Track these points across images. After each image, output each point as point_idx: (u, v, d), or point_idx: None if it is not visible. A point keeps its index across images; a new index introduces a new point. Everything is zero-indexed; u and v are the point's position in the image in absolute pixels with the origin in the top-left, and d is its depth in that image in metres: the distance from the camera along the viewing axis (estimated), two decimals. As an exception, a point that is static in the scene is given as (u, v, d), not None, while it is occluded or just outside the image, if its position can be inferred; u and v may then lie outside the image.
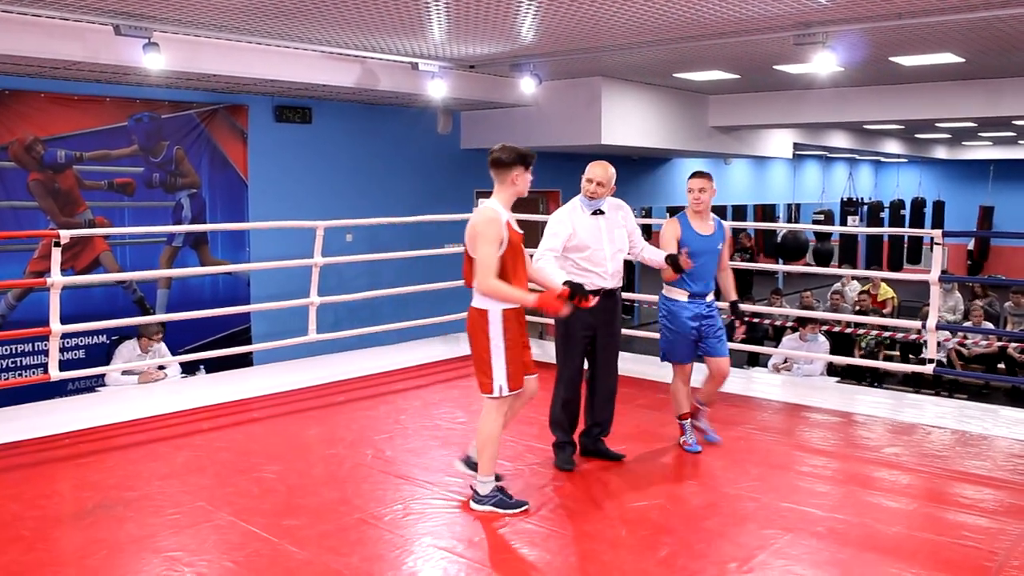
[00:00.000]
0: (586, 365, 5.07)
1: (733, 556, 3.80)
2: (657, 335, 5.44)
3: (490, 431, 4.25)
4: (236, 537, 3.97)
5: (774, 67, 9.47)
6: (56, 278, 5.84)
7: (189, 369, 8.06)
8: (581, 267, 4.83)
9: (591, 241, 4.83)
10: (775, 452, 5.27)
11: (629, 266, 15.28)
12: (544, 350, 7.77)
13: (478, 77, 9.85)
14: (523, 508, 4.28)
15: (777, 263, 18.42)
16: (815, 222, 19.30)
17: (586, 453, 5.10)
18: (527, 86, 9.02)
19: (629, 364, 7.53)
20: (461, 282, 8.25)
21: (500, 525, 4.10)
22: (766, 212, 21.69)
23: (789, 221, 22.05)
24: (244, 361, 8.36)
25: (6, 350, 7.86)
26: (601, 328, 4.94)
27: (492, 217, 4.17)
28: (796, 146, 16.22)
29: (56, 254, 5.86)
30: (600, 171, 4.88)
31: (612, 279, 4.91)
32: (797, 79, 10.39)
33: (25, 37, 6.56)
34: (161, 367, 7.72)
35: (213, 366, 8.00)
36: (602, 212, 4.91)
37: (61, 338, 6.03)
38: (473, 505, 4.31)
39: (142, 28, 6.74)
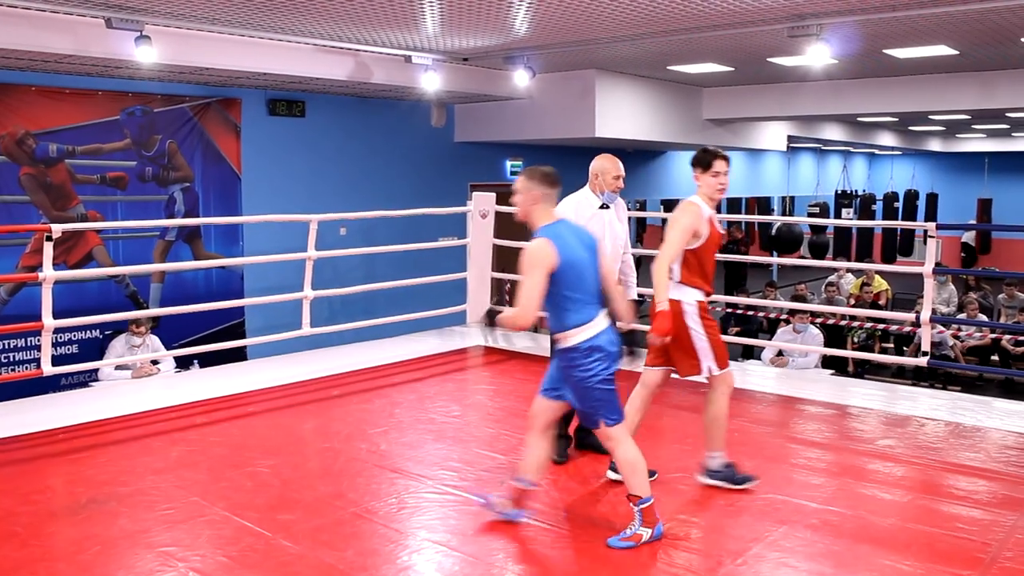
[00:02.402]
0: None
1: (728, 549, 3.81)
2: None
3: (718, 411, 4.44)
4: (230, 532, 3.96)
5: (768, 59, 9.47)
6: (48, 273, 5.82)
7: (183, 363, 8.05)
8: None
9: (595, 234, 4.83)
10: (769, 445, 5.28)
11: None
12: (538, 343, 7.80)
13: (472, 70, 9.83)
14: (751, 482, 4.46)
15: (771, 256, 18.47)
16: (810, 215, 19.33)
17: (581, 447, 5.10)
18: (521, 79, 9.00)
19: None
20: (455, 275, 8.22)
21: (495, 519, 4.09)
22: (760, 205, 21.71)
23: (784, 214, 22.08)
24: (238, 355, 8.35)
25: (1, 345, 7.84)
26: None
27: (688, 208, 4.33)
28: (790, 138, 16.24)
29: (48, 248, 5.84)
30: (613, 166, 4.88)
31: (616, 272, 4.94)
32: (791, 71, 10.39)
33: (15, 30, 6.52)
34: (155, 362, 7.70)
35: (207, 360, 7.99)
36: (607, 207, 4.93)
37: (54, 333, 6.01)
38: (700, 478, 4.51)
39: (134, 21, 6.71)
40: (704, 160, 4.39)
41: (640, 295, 5.39)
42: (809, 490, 4.50)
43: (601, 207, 4.91)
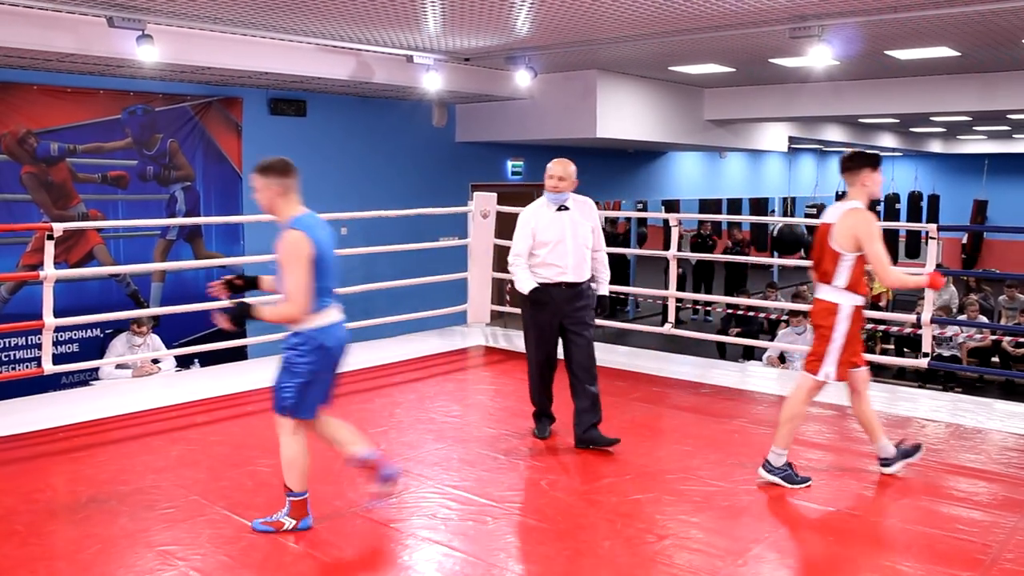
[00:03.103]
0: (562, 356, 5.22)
1: (728, 549, 3.81)
2: (650, 328, 5.41)
3: (796, 409, 4.54)
4: (230, 531, 3.96)
5: (769, 60, 9.47)
6: (49, 271, 5.82)
7: (183, 363, 8.04)
8: (545, 261, 5.05)
9: (553, 236, 5.04)
10: (770, 446, 5.27)
11: (623, 260, 15.28)
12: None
13: (473, 70, 9.83)
14: (806, 484, 4.53)
15: (772, 257, 18.46)
16: (808, 216, 19.32)
17: (581, 445, 5.11)
18: (522, 79, 9.01)
19: (623, 358, 7.55)
20: (455, 275, 8.21)
21: (494, 518, 4.09)
22: (759, 206, 21.70)
23: (784, 215, 22.07)
24: (238, 355, 8.34)
25: (1, 344, 7.83)
26: (568, 319, 5.09)
27: (869, 214, 4.41)
28: (791, 140, 16.24)
29: (49, 247, 5.84)
30: (559, 168, 5.11)
31: (574, 273, 5.07)
32: (792, 72, 10.39)
33: (18, 28, 6.52)
34: (155, 361, 7.70)
35: (207, 360, 7.98)
36: (567, 208, 5.10)
37: (55, 332, 6.01)
38: (762, 472, 4.57)
39: (135, 20, 6.72)
40: (875, 159, 4.51)
41: (612, 292, 5.50)
42: (809, 491, 4.50)
43: (559, 209, 5.09)
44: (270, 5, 6.57)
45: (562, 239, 5.04)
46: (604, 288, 5.28)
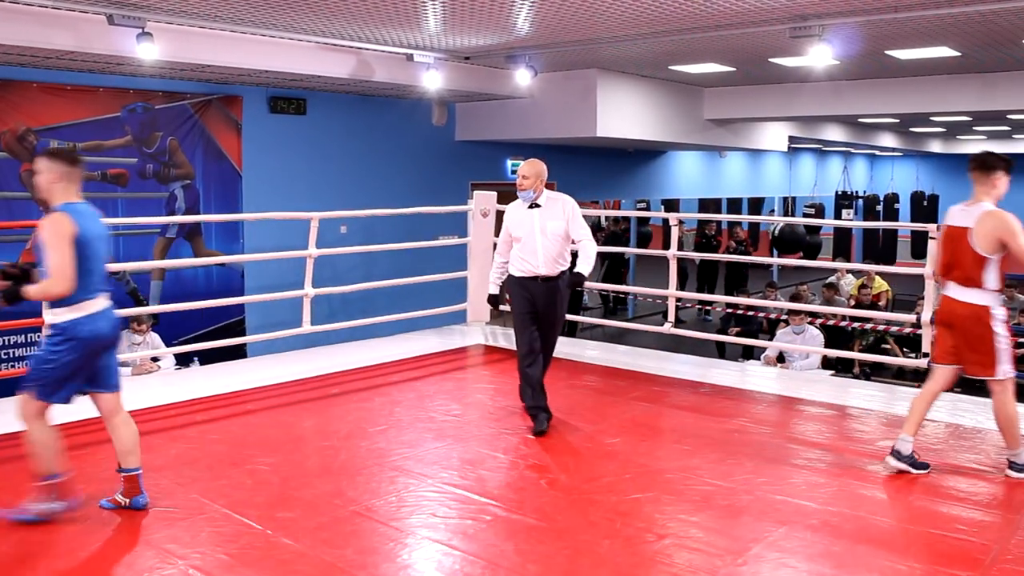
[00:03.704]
0: None
1: (728, 548, 3.80)
2: (651, 327, 5.42)
3: (1011, 411, 4.64)
4: (230, 529, 3.95)
5: (770, 60, 9.47)
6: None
7: (183, 361, 8.04)
8: (520, 256, 5.43)
9: (524, 232, 5.40)
10: (769, 445, 5.28)
11: (621, 261, 15.29)
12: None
13: (473, 69, 9.83)
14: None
15: (771, 256, 18.45)
16: (806, 215, 19.32)
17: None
18: (522, 78, 9.00)
19: (623, 357, 7.55)
20: (454, 274, 8.22)
21: (494, 517, 4.09)
22: (756, 206, 21.70)
23: (784, 215, 22.07)
24: (238, 353, 8.34)
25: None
26: (542, 310, 5.45)
27: (1008, 215, 4.50)
28: (791, 139, 16.25)
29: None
30: (527, 167, 5.41)
31: (546, 266, 5.37)
32: (792, 72, 10.39)
33: (18, 26, 6.52)
34: (155, 359, 7.70)
35: (207, 358, 7.98)
36: (539, 205, 5.40)
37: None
38: (1011, 473, 4.68)
39: (135, 18, 6.71)
40: (1009, 163, 4.61)
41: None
42: (809, 491, 4.50)
43: (531, 206, 5.41)
44: (270, 3, 6.57)
45: (531, 235, 5.36)
46: (581, 266, 5.42)
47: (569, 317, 6.82)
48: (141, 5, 6.60)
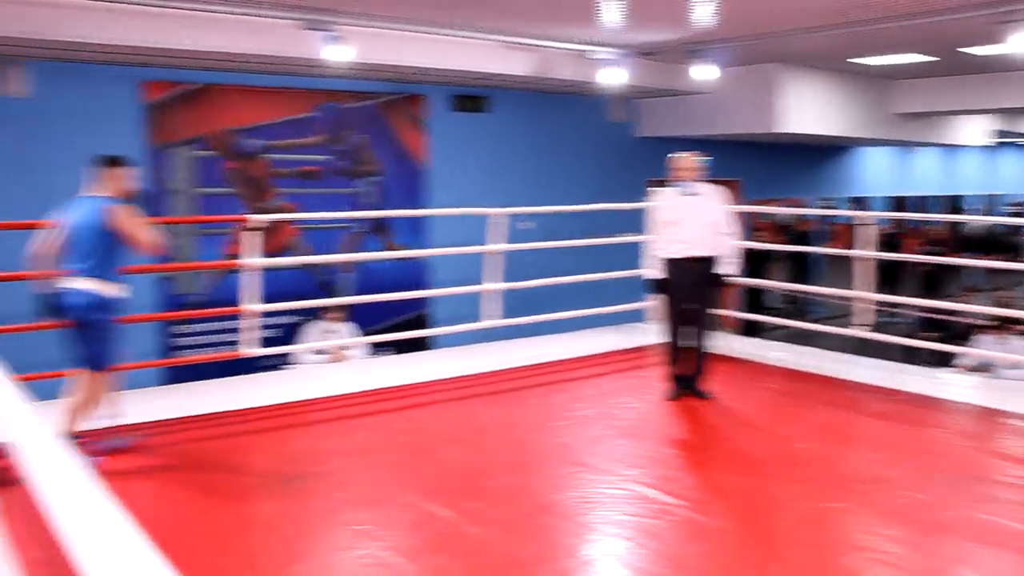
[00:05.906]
0: None
1: (928, 567, 3.59)
2: (839, 330, 5.18)
3: None
4: (418, 516, 4.07)
5: (963, 49, 8.86)
6: (247, 260, 6.19)
7: (377, 351, 8.34)
8: (675, 238, 5.82)
9: (678, 216, 5.84)
10: (971, 459, 4.94)
11: (805, 259, 14.69)
12: (726, 343, 7.61)
13: (653, 64, 9.72)
14: None
15: (971, 258, 17.29)
16: (1009, 214, 18.01)
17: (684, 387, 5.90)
18: (704, 73, 8.82)
19: (806, 359, 7.26)
20: (633, 271, 8.11)
21: (678, 518, 4.03)
22: (954, 204, 20.37)
23: (986, 214, 20.62)
24: (422, 344, 8.60)
25: (206, 327, 8.38)
26: (690, 289, 5.84)
27: None
28: (996, 133, 15.17)
29: (255, 239, 6.22)
30: (688, 160, 6.03)
31: (700, 248, 5.78)
32: (994, 61, 9.69)
33: (221, 34, 7.03)
34: (346, 348, 8.03)
35: (399, 348, 8.26)
36: (695, 194, 5.87)
37: (257, 317, 6.40)
38: None
39: (327, 23, 7.04)
40: None
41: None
42: (1018, 511, 4.17)
43: (688, 195, 5.88)
44: (453, 3, 6.72)
45: (687, 219, 5.81)
46: (726, 267, 5.83)
47: (751, 317, 6.71)
48: (333, 10, 6.91)
